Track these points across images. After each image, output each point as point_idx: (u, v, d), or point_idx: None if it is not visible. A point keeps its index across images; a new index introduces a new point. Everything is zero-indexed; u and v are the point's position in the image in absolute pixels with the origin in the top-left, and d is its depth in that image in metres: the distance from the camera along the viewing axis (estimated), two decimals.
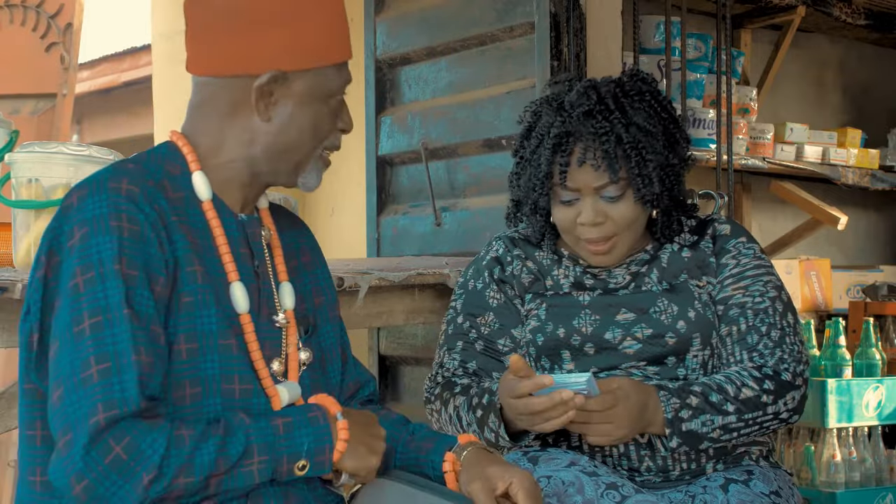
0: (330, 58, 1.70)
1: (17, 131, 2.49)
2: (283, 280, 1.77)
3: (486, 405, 2.01)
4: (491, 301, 2.18)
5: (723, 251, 2.16)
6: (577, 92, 2.09)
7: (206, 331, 1.61)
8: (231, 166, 1.71)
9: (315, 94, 1.70)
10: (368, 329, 3.46)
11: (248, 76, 1.66)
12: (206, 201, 1.68)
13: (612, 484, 1.92)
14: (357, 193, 3.69)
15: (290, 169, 1.73)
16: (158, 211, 1.60)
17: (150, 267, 1.56)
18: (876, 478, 3.43)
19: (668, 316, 2.09)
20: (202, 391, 1.60)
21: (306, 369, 1.77)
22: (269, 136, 1.69)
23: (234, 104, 1.69)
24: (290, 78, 1.67)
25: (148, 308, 1.55)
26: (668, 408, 1.96)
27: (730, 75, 3.64)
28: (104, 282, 1.53)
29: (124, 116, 8.44)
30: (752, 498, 1.97)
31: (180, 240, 1.61)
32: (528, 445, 2.08)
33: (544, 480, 1.93)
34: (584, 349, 2.09)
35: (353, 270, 2.57)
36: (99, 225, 1.55)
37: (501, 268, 2.19)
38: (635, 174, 2.04)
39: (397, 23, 3.48)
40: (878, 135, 4.91)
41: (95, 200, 1.57)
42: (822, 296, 4.41)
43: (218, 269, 1.66)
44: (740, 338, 2.08)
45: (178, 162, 1.69)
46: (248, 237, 1.74)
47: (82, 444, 1.47)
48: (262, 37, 1.65)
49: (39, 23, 5.11)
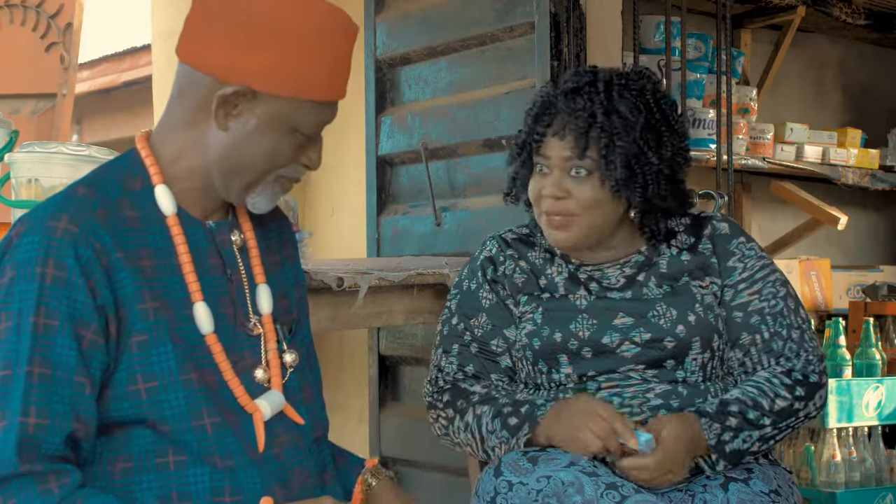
0: (309, 93, 1.62)
1: (17, 131, 2.49)
2: (260, 283, 1.73)
3: (526, 415, 2.02)
4: (483, 302, 2.18)
5: (726, 253, 2.16)
6: (576, 71, 2.15)
7: (165, 368, 1.58)
8: (190, 177, 1.66)
9: (280, 123, 1.62)
10: (368, 329, 3.46)
11: (218, 80, 1.61)
12: (170, 216, 1.64)
13: (611, 484, 1.91)
14: (357, 193, 3.69)
15: (238, 188, 1.67)
16: (98, 250, 1.55)
17: (75, 314, 1.53)
18: (876, 478, 3.43)
19: (667, 320, 2.09)
20: (171, 430, 1.58)
21: (293, 371, 1.75)
22: (221, 146, 1.64)
23: (201, 103, 1.63)
24: (258, 98, 1.61)
25: (68, 358, 1.53)
26: (710, 434, 2.00)
27: (730, 75, 3.64)
28: (18, 334, 1.52)
29: (124, 116, 8.44)
30: (751, 496, 1.97)
31: (127, 276, 1.57)
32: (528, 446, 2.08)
33: (544, 480, 1.93)
34: (581, 353, 2.09)
35: (353, 270, 2.56)
36: (25, 271, 1.53)
37: (494, 267, 2.19)
38: (602, 156, 2.05)
39: (397, 23, 3.48)
40: (878, 135, 4.91)
41: (29, 241, 1.54)
42: (822, 296, 4.41)
43: (181, 288, 1.63)
44: (766, 347, 2.12)
45: (140, 174, 1.65)
46: (218, 245, 1.70)
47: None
48: (248, 51, 1.59)
49: (39, 23, 5.11)
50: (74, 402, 1.53)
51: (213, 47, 1.61)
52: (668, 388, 2.07)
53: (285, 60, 1.59)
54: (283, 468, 1.67)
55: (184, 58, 1.66)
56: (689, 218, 2.21)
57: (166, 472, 1.59)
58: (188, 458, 1.59)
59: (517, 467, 1.97)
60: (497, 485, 1.98)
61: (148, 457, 1.59)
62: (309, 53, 1.60)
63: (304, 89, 1.61)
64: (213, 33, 1.61)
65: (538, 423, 2.01)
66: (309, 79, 1.61)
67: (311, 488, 1.70)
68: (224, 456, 1.61)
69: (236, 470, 1.61)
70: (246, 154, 1.63)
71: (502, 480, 1.97)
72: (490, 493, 1.98)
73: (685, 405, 2.06)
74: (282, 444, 1.69)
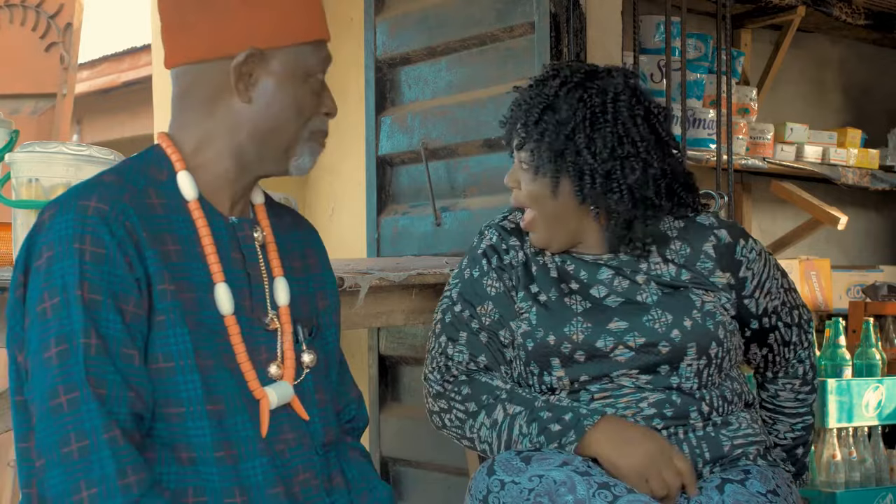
0: (306, 35, 1.69)
1: (17, 131, 2.49)
2: (278, 275, 1.75)
3: (570, 423, 1.98)
4: (489, 290, 2.14)
5: (734, 264, 2.15)
6: (551, 65, 2.21)
7: (182, 349, 1.60)
8: (218, 161, 1.70)
9: (294, 72, 1.69)
10: (368, 329, 3.46)
11: (225, 58, 1.65)
12: (191, 201, 1.67)
13: (604, 483, 1.90)
14: (357, 193, 3.69)
15: (279, 154, 1.72)
16: (128, 228, 1.58)
17: (115, 289, 1.55)
18: (876, 478, 3.43)
19: (662, 325, 2.06)
20: (186, 412, 1.59)
21: (310, 372, 1.76)
22: (253, 118, 1.68)
23: (214, 90, 1.68)
24: (267, 56, 1.66)
25: (115, 331, 1.55)
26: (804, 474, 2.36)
27: (730, 75, 3.64)
28: (68, 307, 1.53)
29: (124, 116, 8.43)
30: (748, 498, 1.96)
31: (151, 256, 1.59)
32: None
33: (536, 479, 1.92)
34: (574, 357, 2.06)
35: (353, 270, 2.56)
36: (63, 248, 1.55)
37: (498, 256, 2.16)
38: (530, 150, 2.11)
39: (397, 23, 3.48)
40: (878, 135, 4.91)
41: (62, 220, 1.56)
42: (822, 296, 4.41)
43: (204, 273, 1.65)
44: (783, 340, 2.27)
45: (164, 166, 1.68)
46: (239, 241, 1.72)
47: (53, 474, 1.49)
48: (235, 17, 1.65)
49: (39, 23, 5.11)
50: (126, 373, 1.55)
51: (202, 34, 1.66)
52: (661, 396, 2.05)
53: (274, 10, 1.66)
54: (287, 465, 1.68)
55: (178, 60, 1.70)
56: (682, 221, 2.17)
57: (182, 467, 1.60)
58: (198, 455, 1.60)
59: (510, 466, 1.96)
60: (489, 483, 1.97)
61: (166, 449, 1.59)
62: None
63: (301, 33, 1.69)
64: (195, 20, 1.66)
65: (585, 432, 1.98)
66: (300, 20, 1.69)
67: (315, 490, 1.71)
68: (230, 444, 1.62)
69: (238, 461, 1.62)
70: (276, 114, 1.69)
71: (495, 479, 1.97)
72: (482, 492, 1.98)
73: (679, 414, 2.04)
74: (287, 441, 1.69)
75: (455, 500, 3.10)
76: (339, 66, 3.86)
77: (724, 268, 2.14)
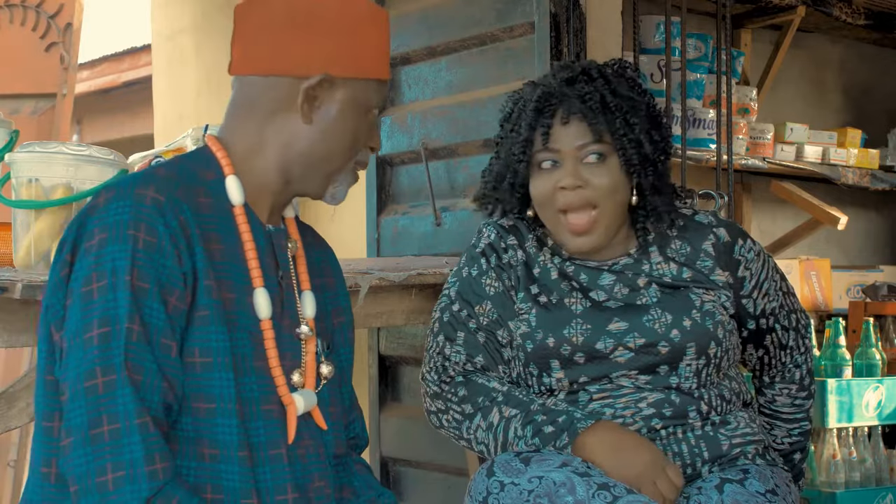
0: (375, 72, 1.76)
1: (17, 131, 2.49)
2: (306, 289, 1.79)
3: (563, 425, 1.98)
4: (488, 289, 2.13)
5: (733, 262, 2.15)
6: (558, 66, 2.14)
7: (221, 346, 1.62)
8: (264, 171, 1.73)
9: (356, 105, 1.74)
10: (368, 329, 3.46)
11: (297, 77, 1.70)
12: (237, 206, 1.70)
13: (603, 484, 1.90)
14: (357, 193, 3.68)
15: (322, 179, 1.76)
16: (182, 222, 1.60)
17: (163, 279, 1.57)
18: (876, 478, 3.43)
19: (662, 325, 2.06)
20: (217, 408, 1.61)
21: (326, 384, 1.78)
22: (308, 139, 1.72)
23: (278, 105, 1.72)
24: (337, 84, 1.71)
25: (158, 320, 1.56)
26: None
27: (730, 75, 3.64)
28: (115, 291, 1.55)
29: (124, 116, 8.43)
30: (747, 497, 1.96)
31: (200, 252, 1.62)
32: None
33: (536, 480, 1.92)
34: (574, 358, 2.06)
35: (354, 270, 2.56)
36: (117, 232, 1.56)
37: (497, 255, 2.15)
38: (620, 134, 2.04)
39: (397, 23, 3.48)
40: (878, 135, 4.91)
41: (119, 206, 1.58)
42: (822, 296, 4.41)
43: (243, 276, 1.67)
44: (780, 343, 2.26)
45: (213, 168, 1.71)
46: (276, 249, 1.75)
47: (80, 453, 1.51)
48: (316, 41, 1.70)
49: (39, 23, 5.11)
50: (163, 363, 1.56)
51: (282, 50, 1.70)
52: (660, 396, 2.05)
53: (352, 43, 1.72)
54: (304, 471, 1.70)
55: (246, 70, 1.74)
56: (681, 220, 2.17)
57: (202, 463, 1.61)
58: (221, 452, 1.61)
59: (509, 468, 1.96)
60: (489, 485, 1.97)
61: (189, 444, 1.60)
62: (368, 34, 1.74)
63: (372, 68, 1.75)
64: (276, 36, 1.71)
65: (578, 435, 1.98)
66: (372, 57, 1.75)
67: (327, 499, 1.73)
68: (253, 446, 1.63)
69: (259, 464, 1.64)
70: (332, 141, 1.74)
71: (494, 481, 1.97)
72: (482, 494, 1.98)
73: (678, 413, 2.04)
74: (306, 447, 1.72)
75: (455, 500, 3.10)
76: None
77: (724, 266, 2.14)
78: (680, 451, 2.03)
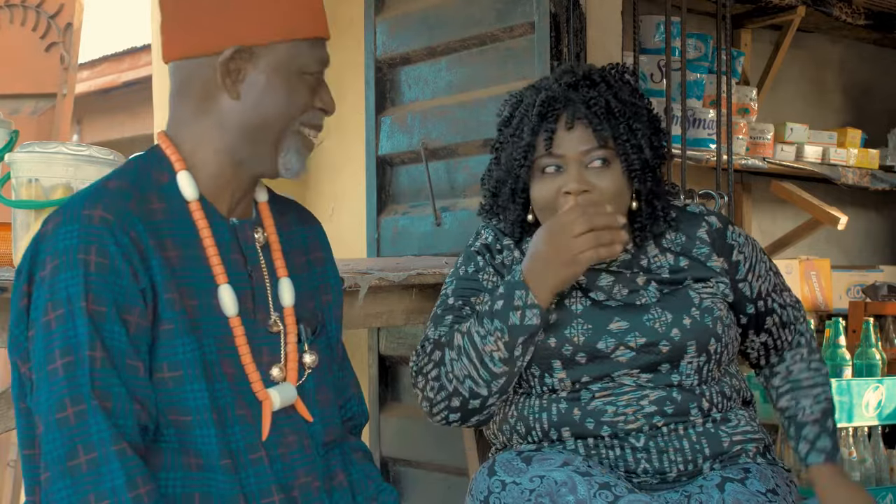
0: (297, 32, 1.68)
1: (17, 131, 2.49)
2: (283, 276, 1.75)
3: (507, 290, 1.98)
4: (485, 283, 2.14)
5: (727, 248, 2.15)
6: (560, 70, 2.12)
7: (189, 358, 1.59)
8: (214, 160, 1.69)
9: (285, 69, 1.67)
10: (368, 329, 3.46)
11: (213, 55, 1.65)
12: (192, 202, 1.66)
13: (605, 484, 1.90)
14: (357, 193, 3.69)
15: (267, 151, 1.69)
16: (133, 238, 1.57)
17: (120, 300, 1.54)
18: (876, 478, 3.43)
19: (662, 324, 2.06)
20: (193, 420, 1.59)
21: (311, 373, 1.75)
22: (240, 113, 1.67)
23: (205, 87, 1.67)
24: (256, 53, 1.66)
25: (120, 343, 1.54)
26: (840, 459, 2.17)
27: (730, 75, 3.64)
28: (73, 319, 1.52)
29: (124, 116, 8.44)
30: (748, 497, 1.96)
31: (157, 265, 1.58)
32: (522, 446, 2.07)
33: (537, 480, 1.92)
34: (575, 358, 2.06)
35: (353, 270, 2.56)
36: (67, 258, 1.53)
37: (492, 255, 2.16)
38: (624, 140, 2.03)
39: (397, 23, 3.48)
40: (878, 135, 4.91)
41: (67, 231, 1.55)
42: (822, 296, 4.41)
43: (206, 275, 1.64)
44: (781, 322, 2.24)
45: (166, 167, 1.68)
46: (241, 242, 1.71)
47: (59, 487, 1.48)
48: (224, 13, 1.64)
49: (39, 23, 5.11)
50: (131, 385, 1.54)
51: (195, 29, 1.66)
52: (662, 393, 2.05)
53: (267, 9, 1.65)
54: (287, 469, 1.68)
55: (171, 56, 1.70)
56: (674, 211, 2.17)
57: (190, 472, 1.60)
58: (205, 462, 1.60)
59: (511, 467, 1.96)
60: (490, 484, 1.97)
61: (176, 454, 1.59)
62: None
63: (291, 30, 1.67)
64: (189, 19, 1.66)
65: (524, 281, 1.97)
66: (294, 18, 1.67)
67: (315, 493, 1.71)
68: (233, 452, 1.62)
69: (241, 468, 1.62)
70: (265, 109, 1.67)
71: (496, 480, 1.97)
72: (483, 493, 1.98)
73: (679, 411, 2.05)
74: (288, 444, 1.69)
75: (455, 500, 3.10)
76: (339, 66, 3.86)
77: (719, 252, 2.15)
78: (681, 447, 2.03)
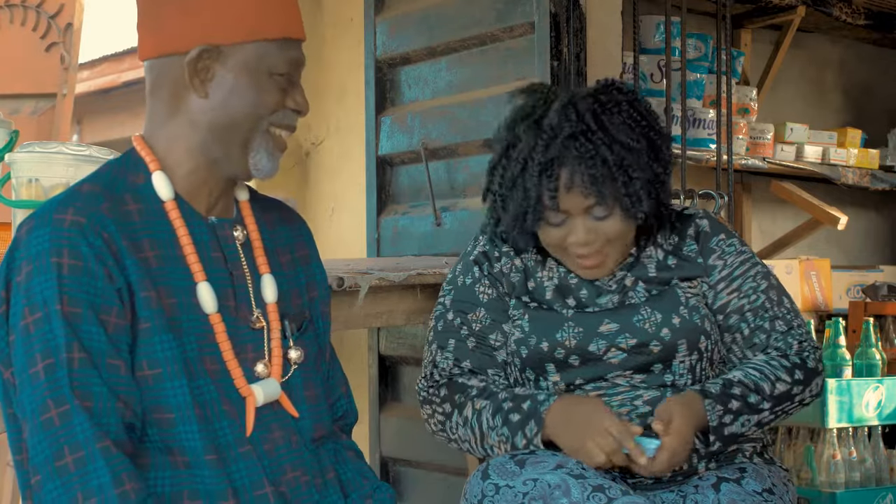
0: (264, 33, 1.66)
1: (17, 131, 2.49)
2: (265, 272, 1.75)
3: (528, 412, 1.99)
4: (481, 296, 2.15)
5: (707, 251, 2.15)
6: (556, 112, 2.05)
7: (169, 355, 1.60)
8: (187, 160, 1.69)
9: (254, 69, 1.66)
10: (368, 329, 3.46)
11: (181, 54, 1.65)
12: (168, 201, 1.66)
13: (598, 486, 1.90)
14: (357, 193, 3.69)
15: (237, 152, 1.69)
16: (106, 239, 1.57)
17: (96, 301, 1.55)
18: (876, 478, 3.43)
19: (652, 324, 2.07)
20: (176, 417, 1.60)
21: (298, 368, 1.75)
22: (209, 112, 1.67)
23: (174, 86, 1.67)
24: (224, 52, 1.65)
25: (99, 343, 1.55)
26: (712, 416, 1.98)
27: (730, 75, 3.64)
28: (50, 322, 1.53)
29: (124, 116, 8.43)
30: (743, 497, 1.96)
31: (132, 265, 1.59)
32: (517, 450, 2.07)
33: (530, 483, 1.92)
34: (568, 361, 2.07)
35: (353, 270, 2.56)
36: (40, 262, 1.55)
37: (490, 263, 2.16)
38: (622, 194, 2.01)
39: (397, 23, 3.48)
40: (878, 135, 4.91)
41: (39, 235, 1.56)
42: (822, 296, 4.41)
43: (185, 274, 1.65)
44: (748, 343, 2.11)
45: (141, 169, 1.68)
46: (220, 241, 1.71)
47: (49, 488, 1.49)
48: (193, 13, 1.64)
49: (39, 23, 5.11)
50: (113, 384, 1.55)
51: (164, 29, 1.66)
52: (656, 394, 2.05)
53: (236, 8, 1.64)
54: (273, 465, 1.68)
55: (144, 55, 1.70)
56: (673, 214, 2.17)
57: (177, 470, 1.60)
58: (191, 459, 1.60)
59: (504, 470, 1.96)
60: (484, 488, 1.97)
61: (162, 454, 1.60)
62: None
63: (261, 29, 1.66)
64: (159, 18, 1.66)
65: (544, 419, 1.98)
66: (261, 18, 1.66)
67: (304, 487, 1.71)
68: (219, 447, 1.62)
69: (227, 463, 1.62)
70: (233, 109, 1.67)
71: (489, 483, 1.97)
72: (477, 497, 1.98)
73: None
74: (274, 439, 1.69)
75: (455, 500, 3.10)
76: (339, 66, 3.87)
77: (700, 251, 2.15)
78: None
